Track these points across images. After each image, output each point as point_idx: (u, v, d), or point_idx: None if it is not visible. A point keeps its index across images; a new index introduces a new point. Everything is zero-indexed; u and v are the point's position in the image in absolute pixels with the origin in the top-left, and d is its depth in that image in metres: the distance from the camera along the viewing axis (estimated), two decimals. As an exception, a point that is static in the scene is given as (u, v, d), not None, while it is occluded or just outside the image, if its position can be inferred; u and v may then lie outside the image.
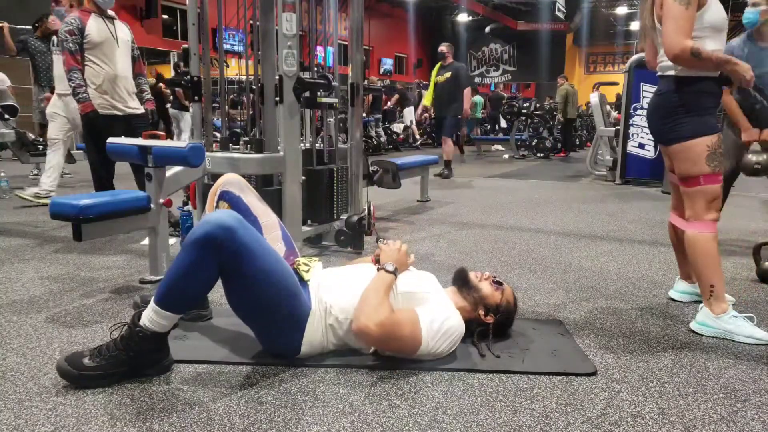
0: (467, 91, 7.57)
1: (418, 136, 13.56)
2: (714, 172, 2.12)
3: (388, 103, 14.12)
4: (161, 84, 9.49)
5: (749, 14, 3.40)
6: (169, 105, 9.54)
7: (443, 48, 7.68)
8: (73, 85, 3.81)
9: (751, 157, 3.04)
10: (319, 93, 3.14)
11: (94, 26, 3.83)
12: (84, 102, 3.81)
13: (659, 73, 2.25)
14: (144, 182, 2.73)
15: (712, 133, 2.11)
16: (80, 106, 3.84)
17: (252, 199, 2.09)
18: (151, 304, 1.64)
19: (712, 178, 2.13)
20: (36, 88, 6.70)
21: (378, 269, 1.87)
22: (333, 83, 3.29)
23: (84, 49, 3.81)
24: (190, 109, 8.41)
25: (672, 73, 2.16)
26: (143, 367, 1.67)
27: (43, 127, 7.21)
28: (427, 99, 7.77)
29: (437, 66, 7.65)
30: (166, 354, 1.72)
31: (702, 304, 2.22)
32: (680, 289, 2.58)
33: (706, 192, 2.14)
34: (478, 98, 16.07)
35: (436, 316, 1.80)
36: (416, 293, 1.88)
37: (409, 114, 13.72)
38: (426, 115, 8.81)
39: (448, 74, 7.40)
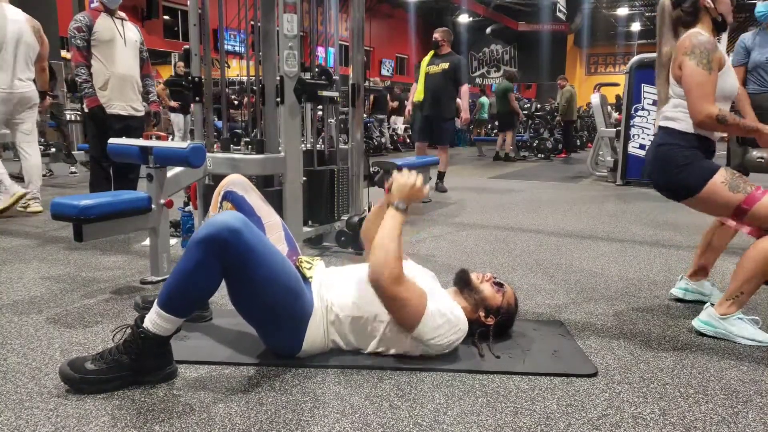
0: (466, 89, 6.30)
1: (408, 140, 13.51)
2: (747, 193, 2.07)
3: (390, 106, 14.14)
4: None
5: (762, 8, 3.43)
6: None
7: (438, 35, 6.20)
8: (79, 80, 3.88)
9: (755, 153, 3.04)
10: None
11: (103, 25, 3.89)
12: (89, 97, 3.86)
13: (659, 124, 2.27)
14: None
15: (716, 171, 2.11)
16: (86, 101, 3.89)
17: (256, 199, 2.09)
18: (155, 308, 1.63)
19: (752, 199, 2.06)
20: None
21: (388, 206, 1.86)
22: (334, 76, 3.29)
23: (91, 46, 3.87)
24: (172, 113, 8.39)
25: (669, 125, 2.19)
26: (145, 373, 1.65)
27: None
28: (419, 94, 6.20)
29: (429, 55, 6.27)
30: (169, 361, 1.70)
31: (707, 304, 2.22)
32: (683, 287, 2.57)
33: (761, 211, 2.07)
34: (485, 99, 16.09)
35: (441, 301, 1.82)
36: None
37: (394, 122, 13.69)
38: (408, 108, 6.96)
39: (445, 65, 6.05)
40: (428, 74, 6.10)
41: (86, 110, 4.04)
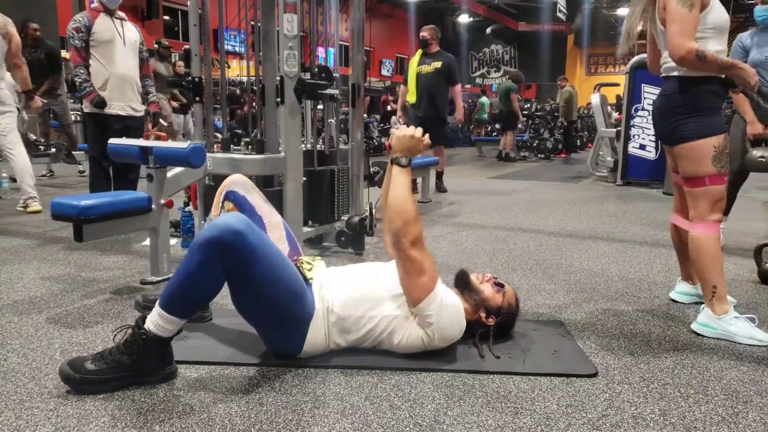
0: (459, 88, 6.19)
1: None
2: (720, 173, 2.12)
3: (388, 107, 14.17)
4: None
5: (762, 11, 3.43)
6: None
7: (427, 33, 5.99)
8: (79, 80, 3.88)
9: (756, 152, 3.05)
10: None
11: (102, 25, 3.89)
12: (90, 94, 3.86)
13: (663, 75, 2.25)
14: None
15: (718, 134, 2.11)
16: (86, 99, 3.88)
17: (257, 199, 2.10)
18: (156, 308, 1.62)
19: (718, 179, 2.13)
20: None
21: (391, 161, 1.87)
22: (334, 74, 3.29)
23: (90, 47, 3.87)
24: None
25: (676, 73, 2.16)
26: (146, 373, 1.65)
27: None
28: (411, 95, 6.01)
29: (418, 54, 6.07)
30: (169, 362, 1.70)
31: (703, 305, 2.22)
32: (681, 290, 2.58)
33: (711, 193, 2.14)
34: (485, 99, 16.09)
35: (448, 292, 1.85)
36: None
37: (394, 123, 13.71)
38: (399, 113, 6.89)
39: (437, 64, 5.89)
40: (420, 74, 5.94)
41: (86, 110, 4.05)
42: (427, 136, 1.92)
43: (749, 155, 3.13)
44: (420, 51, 6.07)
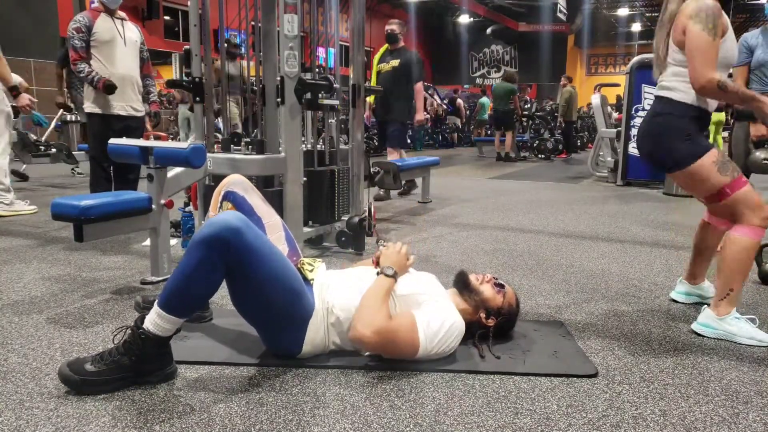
0: (419, 87, 5.62)
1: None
2: (734, 178, 2.09)
3: None
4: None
5: None
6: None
7: (395, 27, 5.50)
8: (83, 75, 3.86)
9: (759, 154, 3.05)
10: (320, 95, 3.14)
11: (102, 25, 3.89)
12: (99, 81, 3.84)
13: (655, 93, 2.25)
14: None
15: (709, 150, 2.11)
16: (98, 86, 3.85)
17: (256, 199, 2.09)
18: (155, 308, 1.62)
19: (737, 184, 2.09)
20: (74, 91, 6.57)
21: (378, 273, 1.87)
22: (335, 85, 3.30)
23: (90, 47, 3.87)
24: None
25: (666, 94, 2.18)
26: (145, 373, 1.65)
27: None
28: (371, 96, 5.51)
29: (382, 49, 5.61)
30: (168, 361, 1.70)
31: (705, 306, 2.22)
32: (681, 291, 2.58)
33: (740, 198, 2.10)
34: (485, 100, 16.08)
35: (434, 318, 1.79)
36: (413, 296, 1.87)
37: None
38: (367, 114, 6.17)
39: (395, 62, 5.40)
40: (380, 73, 5.56)
41: (87, 110, 4.04)
42: (413, 257, 1.98)
43: (752, 156, 3.13)
44: (385, 46, 5.65)
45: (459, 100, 17.01)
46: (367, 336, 1.69)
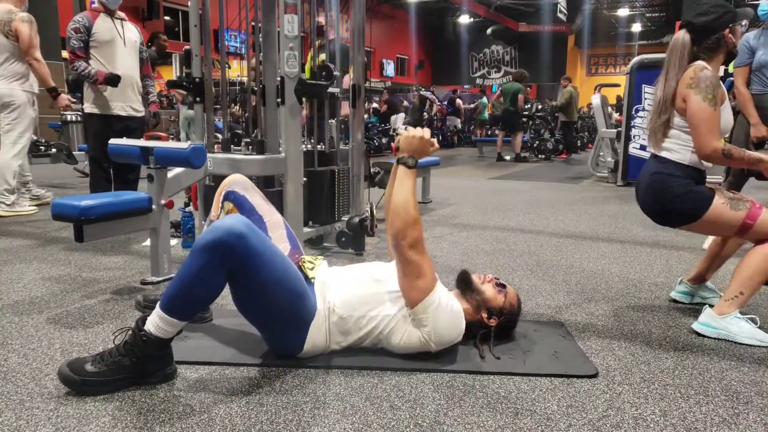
0: (347, 81, 5.32)
1: None
2: (749, 209, 2.12)
3: (384, 109, 14.20)
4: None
5: (765, 7, 3.43)
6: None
7: (321, 20, 4.96)
8: (80, 71, 3.85)
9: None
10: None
11: (102, 25, 3.89)
12: (99, 74, 3.83)
13: (653, 152, 2.29)
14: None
15: (714, 195, 2.14)
16: (99, 80, 3.84)
17: (257, 198, 2.10)
18: (157, 310, 1.62)
19: (754, 214, 2.11)
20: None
21: (397, 161, 1.85)
22: (335, 73, 3.29)
23: (90, 47, 3.87)
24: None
25: (663, 154, 2.22)
26: (146, 374, 1.66)
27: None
28: None
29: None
30: (169, 362, 1.70)
31: (706, 306, 2.22)
32: (682, 291, 2.58)
33: (761, 225, 2.11)
34: (485, 100, 16.08)
35: (447, 296, 1.84)
36: None
37: (395, 122, 13.62)
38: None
39: (324, 56, 5.14)
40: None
41: (87, 110, 4.05)
42: (435, 141, 1.90)
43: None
44: (318, 42, 5.14)
45: (458, 101, 17.00)
46: (408, 241, 1.73)
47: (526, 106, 12.07)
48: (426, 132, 1.86)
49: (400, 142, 1.86)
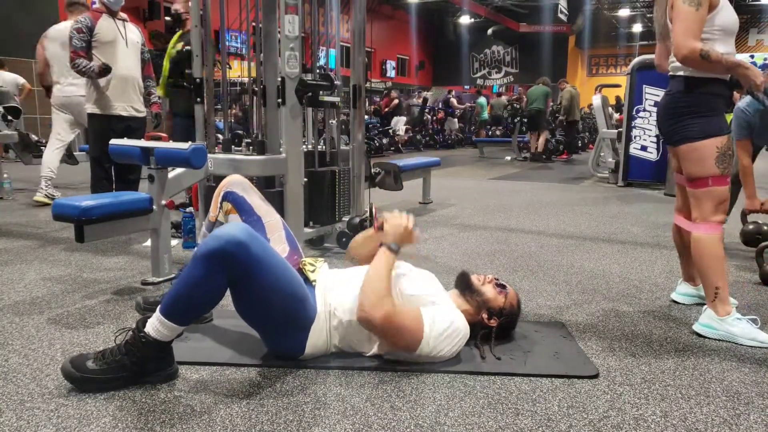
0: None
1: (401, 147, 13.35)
2: (723, 174, 2.12)
3: (385, 109, 14.16)
4: None
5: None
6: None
7: (180, 6, 4.71)
8: (80, 67, 3.86)
9: (750, 228, 3.12)
10: (321, 92, 3.14)
11: (104, 26, 3.91)
12: (96, 67, 3.83)
13: (670, 74, 2.25)
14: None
15: (721, 135, 2.12)
16: (95, 73, 3.85)
17: (255, 199, 2.10)
18: (157, 314, 1.63)
19: (721, 180, 2.13)
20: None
21: (380, 246, 1.86)
22: (336, 81, 3.29)
23: (92, 47, 3.88)
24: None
25: (682, 73, 2.17)
26: (146, 374, 1.66)
27: None
28: (161, 86, 4.68)
29: (175, 37, 4.71)
30: (169, 363, 1.71)
31: (705, 306, 2.22)
32: (683, 292, 2.58)
33: (714, 193, 2.14)
34: (483, 100, 16.05)
35: (439, 317, 1.80)
36: (422, 296, 1.87)
37: (396, 124, 13.59)
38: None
39: (179, 45, 4.56)
40: (171, 60, 4.68)
41: (88, 111, 4.05)
42: (418, 230, 1.94)
43: (745, 229, 3.21)
44: (178, 33, 4.72)
45: (452, 99, 16.90)
46: (376, 319, 1.69)
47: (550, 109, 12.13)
48: (411, 221, 1.91)
49: (385, 227, 1.89)
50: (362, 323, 1.74)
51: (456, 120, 16.43)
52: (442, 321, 1.79)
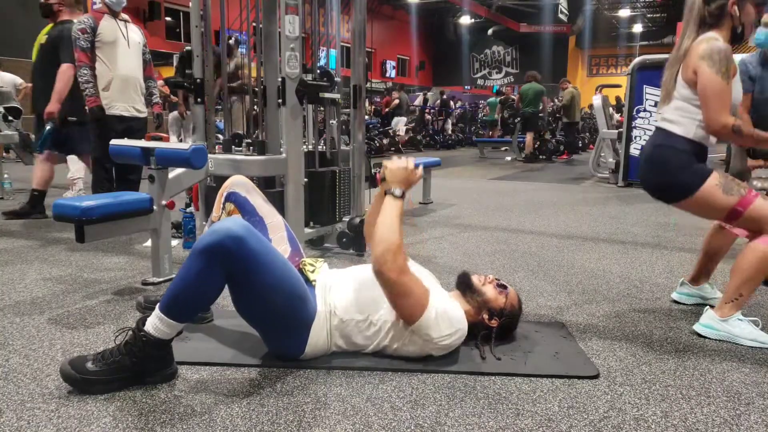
0: (64, 70, 4.11)
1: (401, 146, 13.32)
2: (742, 196, 2.07)
3: (386, 110, 14.15)
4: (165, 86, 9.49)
5: (761, 35, 3.32)
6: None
7: None
8: (82, 80, 3.88)
9: (756, 183, 3.06)
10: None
11: (106, 26, 3.91)
12: (90, 96, 3.88)
13: (657, 124, 2.26)
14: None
15: (710, 174, 2.10)
16: (87, 101, 3.90)
17: (258, 200, 2.10)
18: (156, 312, 1.63)
19: (747, 200, 2.06)
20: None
21: (384, 193, 1.85)
22: (336, 78, 3.29)
23: (94, 48, 3.89)
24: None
25: (667, 126, 2.18)
26: (146, 374, 1.66)
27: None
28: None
29: (46, 29, 4.40)
30: (169, 362, 1.71)
31: (707, 307, 2.22)
32: (683, 292, 2.57)
33: (753, 213, 2.07)
34: (493, 100, 16.01)
35: (446, 302, 1.83)
36: None
37: (396, 124, 13.58)
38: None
39: (42, 40, 4.28)
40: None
41: (87, 111, 4.05)
42: (420, 167, 1.90)
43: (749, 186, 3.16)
44: (49, 25, 4.38)
45: (443, 97, 16.82)
46: (393, 275, 1.69)
47: (550, 106, 12.06)
48: (410, 162, 1.86)
49: (385, 173, 1.86)
50: (377, 276, 1.73)
51: (449, 120, 16.39)
52: (443, 303, 1.81)
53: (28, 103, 5.11)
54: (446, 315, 1.79)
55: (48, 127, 4.21)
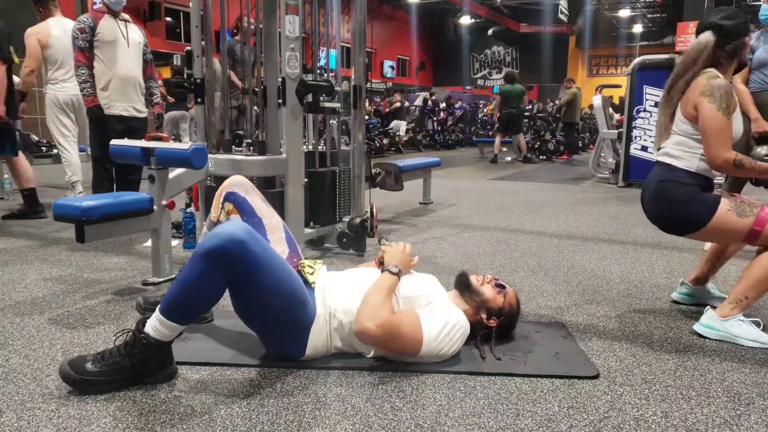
0: None
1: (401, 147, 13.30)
2: (756, 215, 2.08)
3: (386, 110, 14.14)
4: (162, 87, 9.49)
5: (766, 11, 3.43)
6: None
7: None
8: (80, 80, 3.89)
9: (761, 150, 3.04)
10: (321, 97, 3.14)
11: (106, 26, 3.92)
12: (88, 97, 3.90)
13: (658, 159, 2.28)
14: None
15: (719, 201, 2.11)
16: (85, 101, 3.92)
17: (257, 200, 2.10)
18: (156, 314, 1.63)
19: (763, 219, 2.07)
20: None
21: (382, 270, 1.88)
22: (336, 87, 3.29)
23: (94, 47, 3.89)
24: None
25: (669, 161, 2.20)
26: (146, 375, 1.66)
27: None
28: None
29: None
30: (169, 363, 1.71)
31: (707, 307, 2.22)
32: (683, 292, 2.57)
33: None
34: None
35: (438, 318, 1.80)
36: (418, 297, 1.88)
37: (397, 126, 13.56)
38: None
39: None
40: None
41: (86, 110, 4.06)
42: (416, 257, 1.99)
43: (754, 152, 3.12)
44: None
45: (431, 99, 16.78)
46: (372, 329, 1.68)
47: (528, 107, 12.05)
48: (408, 247, 1.96)
49: (384, 257, 1.94)
50: (359, 336, 1.74)
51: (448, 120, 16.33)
52: (439, 321, 1.79)
53: (30, 103, 5.12)
54: (445, 331, 1.79)
55: None
